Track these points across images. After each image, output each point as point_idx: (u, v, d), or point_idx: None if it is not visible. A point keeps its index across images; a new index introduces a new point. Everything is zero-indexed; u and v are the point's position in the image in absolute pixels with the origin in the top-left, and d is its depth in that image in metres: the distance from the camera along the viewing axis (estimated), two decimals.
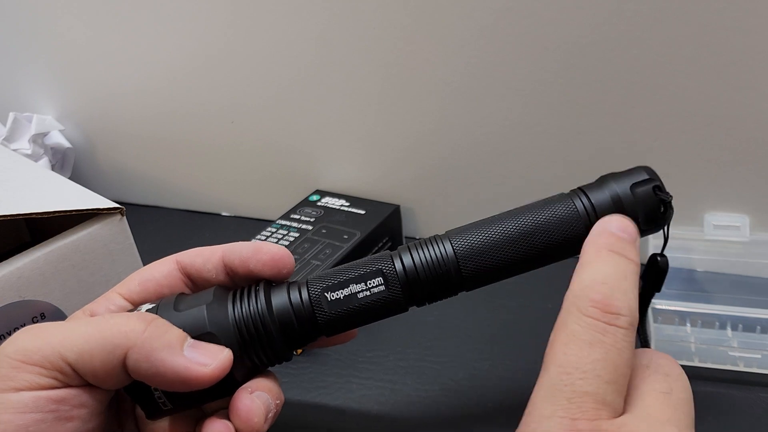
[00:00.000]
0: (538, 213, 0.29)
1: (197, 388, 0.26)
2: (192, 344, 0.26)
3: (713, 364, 0.39)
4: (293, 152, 0.57)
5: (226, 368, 0.26)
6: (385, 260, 0.29)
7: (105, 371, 0.25)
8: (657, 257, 0.31)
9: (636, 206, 0.28)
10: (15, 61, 0.64)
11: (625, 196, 0.28)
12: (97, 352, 0.25)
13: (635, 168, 0.30)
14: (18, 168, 0.44)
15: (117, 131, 0.64)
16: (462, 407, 0.39)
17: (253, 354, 0.28)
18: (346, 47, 0.50)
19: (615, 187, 0.29)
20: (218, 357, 0.26)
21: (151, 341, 0.25)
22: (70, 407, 0.25)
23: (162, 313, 0.28)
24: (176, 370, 0.25)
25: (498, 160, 0.50)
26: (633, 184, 0.29)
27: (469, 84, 0.48)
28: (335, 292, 0.29)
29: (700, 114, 0.43)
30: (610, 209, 0.28)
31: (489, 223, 0.30)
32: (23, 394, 0.24)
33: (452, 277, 0.29)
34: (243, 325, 0.28)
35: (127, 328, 0.25)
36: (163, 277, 0.30)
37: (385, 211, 0.53)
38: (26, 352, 0.24)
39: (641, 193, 0.28)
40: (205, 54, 0.55)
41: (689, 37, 0.41)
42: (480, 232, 0.29)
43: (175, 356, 0.25)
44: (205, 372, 0.26)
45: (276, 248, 0.30)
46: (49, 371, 0.24)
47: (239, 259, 0.30)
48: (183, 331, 0.27)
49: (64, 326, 0.26)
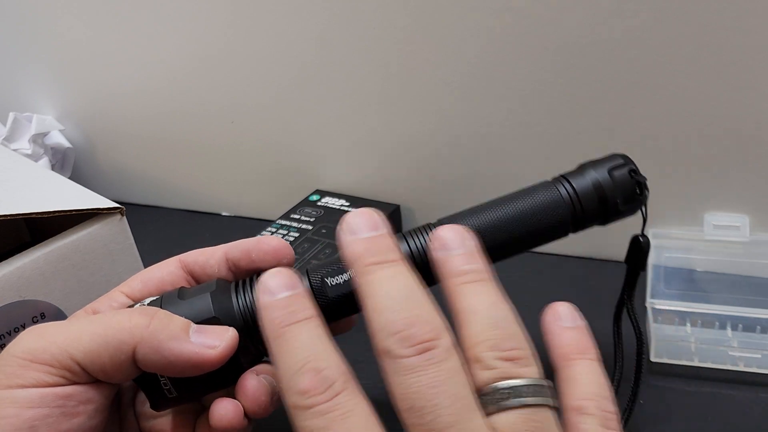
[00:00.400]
0: (525, 199, 0.31)
1: (208, 370, 0.26)
2: (197, 329, 0.27)
3: (713, 364, 0.39)
4: (293, 152, 0.57)
5: (233, 347, 0.27)
6: None
7: (114, 368, 0.25)
8: (639, 237, 0.34)
9: (615, 189, 0.31)
10: (15, 61, 0.64)
11: (604, 180, 0.31)
12: (104, 350, 0.25)
13: (611, 155, 0.32)
14: (18, 168, 0.44)
15: (117, 131, 0.64)
16: None
17: (257, 340, 0.28)
18: (346, 47, 0.50)
19: (594, 173, 0.31)
20: (224, 337, 0.27)
21: (157, 333, 0.25)
22: (76, 403, 0.25)
23: (166, 303, 0.28)
24: (186, 356, 0.26)
25: (498, 160, 0.50)
26: (610, 168, 0.31)
27: (469, 84, 0.48)
28: (335, 278, 0.29)
29: (700, 114, 0.43)
30: (590, 193, 0.31)
31: (479, 210, 0.31)
32: (30, 390, 0.24)
33: None
34: (247, 311, 0.28)
35: (131, 324, 0.26)
36: (167, 275, 0.31)
37: (385, 211, 0.53)
38: (34, 351, 0.24)
39: (618, 176, 0.31)
40: (205, 54, 0.55)
41: (689, 37, 0.41)
42: (471, 217, 0.31)
43: (183, 344, 0.26)
44: (214, 354, 0.26)
45: (277, 240, 0.31)
46: (57, 369, 0.24)
47: (241, 251, 0.30)
48: (187, 318, 0.27)
49: (69, 326, 0.26)
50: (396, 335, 0.22)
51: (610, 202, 0.31)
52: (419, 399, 0.21)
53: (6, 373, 0.24)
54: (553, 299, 0.27)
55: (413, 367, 0.21)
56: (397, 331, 0.22)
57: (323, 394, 0.22)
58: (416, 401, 0.21)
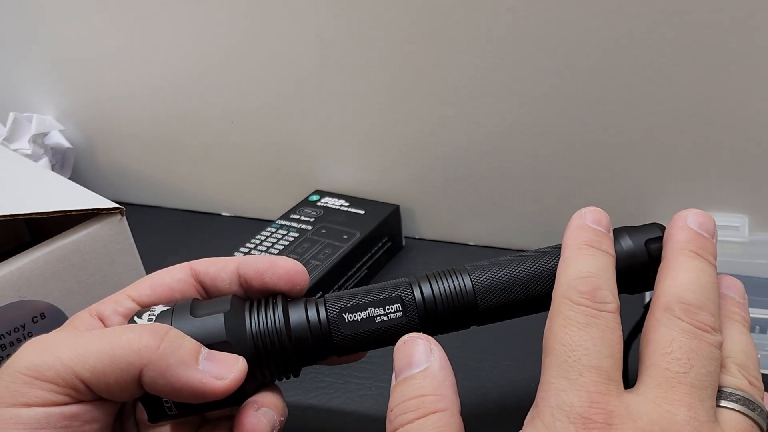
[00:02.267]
0: (555, 257, 0.30)
1: (212, 399, 0.26)
2: (207, 356, 0.26)
3: None
4: (293, 152, 0.57)
5: (241, 379, 0.26)
6: (405, 288, 0.29)
7: (119, 387, 0.25)
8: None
9: (649, 262, 0.30)
10: (15, 61, 0.64)
11: (639, 251, 0.30)
12: (110, 370, 0.24)
13: (649, 225, 0.31)
14: (18, 168, 0.44)
15: (117, 131, 0.64)
16: (463, 408, 0.39)
17: (265, 368, 0.28)
18: (346, 48, 0.50)
19: (630, 241, 0.30)
20: (234, 368, 0.26)
21: (167, 358, 0.25)
22: (81, 423, 0.24)
23: (177, 317, 0.27)
24: (192, 385, 0.25)
25: (498, 160, 0.50)
26: (647, 240, 0.30)
27: (468, 84, 0.48)
28: (353, 314, 0.29)
29: (700, 114, 0.43)
30: (624, 262, 0.29)
31: (507, 263, 0.30)
32: (35, 409, 0.23)
33: (468, 310, 0.30)
34: (260, 338, 0.28)
35: (140, 345, 0.25)
36: (176, 282, 0.30)
37: (385, 211, 0.53)
38: (38, 368, 0.24)
39: (654, 250, 0.30)
40: (206, 54, 0.55)
41: (689, 37, 0.41)
42: (499, 269, 0.30)
43: (191, 371, 0.25)
44: (220, 386, 0.25)
45: (292, 263, 0.30)
46: (62, 388, 0.24)
47: (254, 271, 0.29)
48: (198, 341, 0.26)
49: (75, 341, 0.25)
50: (687, 306, 0.25)
51: (642, 275, 0.30)
52: (682, 352, 0.24)
53: (10, 390, 0.24)
54: None
55: (688, 331, 0.25)
56: (689, 304, 0.25)
57: (596, 304, 0.25)
58: (677, 352, 0.24)
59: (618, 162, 0.47)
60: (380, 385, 0.40)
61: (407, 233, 0.57)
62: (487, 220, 0.54)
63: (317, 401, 0.40)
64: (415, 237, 0.57)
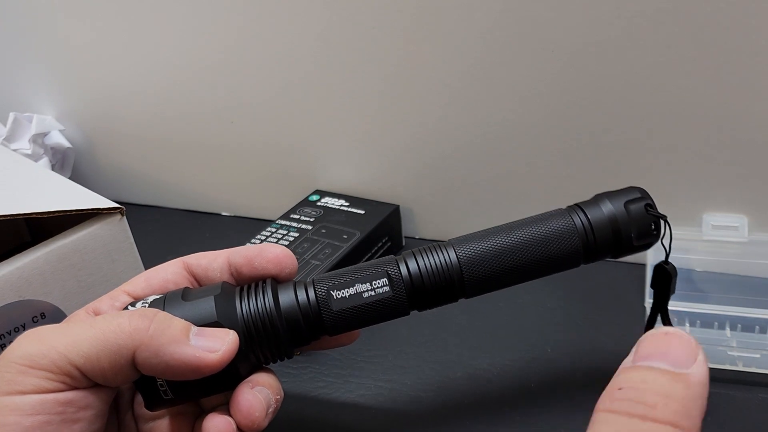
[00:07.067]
0: (538, 226, 0.31)
1: (208, 374, 0.26)
2: (198, 332, 0.27)
3: (712, 364, 0.39)
4: (293, 152, 0.57)
5: (234, 351, 0.27)
6: (391, 263, 0.30)
7: (113, 372, 0.25)
8: (664, 265, 0.33)
9: (630, 223, 0.31)
10: (15, 61, 0.64)
11: (620, 213, 0.31)
12: (104, 354, 0.25)
13: (628, 188, 0.32)
14: (18, 168, 0.44)
15: (117, 131, 0.64)
16: (461, 407, 0.39)
17: (258, 349, 0.29)
18: (346, 47, 0.50)
19: (610, 204, 0.31)
20: (225, 340, 0.27)
21: (158, 337, 0.25)
22: (76, 409, 0.25)
23: (169, 303, 0.28)
24: (185, 360, 0.26)
25: (497, 160, 0.50)
26: (626, 201, 0.31)
27: (468, 84, 0.48)
28: (341, 291, 0.29)
29: (700, 114, 0.43)
30: (605, 225, 0.30)
31: (491, 234, 0.31)
32: (30, 396, 0.24)
33: (455, 282, 0.30)
34: (251, 320, 0.28)
35: (130, 328, 0.25)
36: (170, 275, 0.31)
37: (385, 211, 0.53)
38: (33, 357, 0.24)
39: (634, 210, 0.30)
40: (206, 54, 0.55)
41: (689, 37, 0.41)
42: (483, 241, 0.31)
43: (183, 347, 0.26)
44: (214, 358, 0.26)
45: (279, 248, 0.31)
46: (57, 375, 0.24)
47: (244, 258, 0.30)
48: (188, 320, 0.27)
49: (68, 330, 0.26)
50: None
51: (624, 236, 0.31)
52: None
53: (5, 379, 0.24)
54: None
55: None
56: None
57: None
58: None
59: (618, 162, 0.47)
60: (380, 385, 0.40)
61: (407, 233, 0.57)
62: (487, 220, 0.54)
63: (317, 400, 0.40)
64: (415, 237, 0.57)
